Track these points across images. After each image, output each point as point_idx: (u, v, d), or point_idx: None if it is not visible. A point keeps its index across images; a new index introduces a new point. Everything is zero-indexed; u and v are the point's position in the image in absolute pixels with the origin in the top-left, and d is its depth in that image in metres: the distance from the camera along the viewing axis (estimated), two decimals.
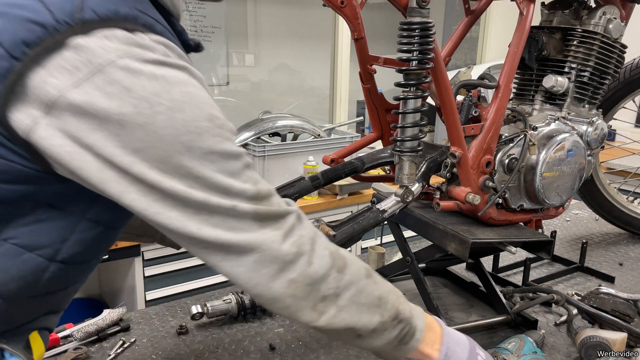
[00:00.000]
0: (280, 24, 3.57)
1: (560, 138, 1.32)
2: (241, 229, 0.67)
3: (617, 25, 1.41)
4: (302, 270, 0.71)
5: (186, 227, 0.65)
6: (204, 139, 0.63)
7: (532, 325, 1.33)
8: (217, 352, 1.23)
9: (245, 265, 0.68)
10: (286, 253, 0.69)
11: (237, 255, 0.68)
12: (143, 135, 0.60)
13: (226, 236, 0.66)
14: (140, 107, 0.60)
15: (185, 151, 0.62)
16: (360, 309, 0.76)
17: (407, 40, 1.09)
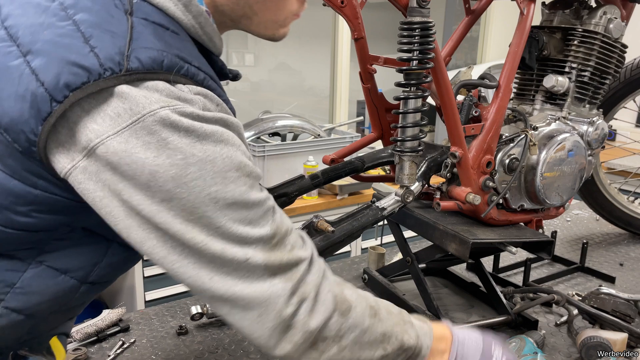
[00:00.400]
0: None
1: (561, 138, 1.32)
2: (251, 279, 0.69)
3: (617, 25, 1.40)
4: (304, 324, 0.72)
5: (199, 276, 0.66)
6: (230, 190, 0.65)
7: (532, 326, 1.33)
8: (217, 352, 1.23)
9: (250, 319, 0.70)
10: (290, 312, 0.71)
11: (242, 309, 0.69)
12: (173, 186, 0.62)
13: (235, 288, 0.68)
14: (174, 158, 0.61)
15: (211, 202, 0.64)
16: (362, 347, 0.78)
17: (408, 40, 1.09)
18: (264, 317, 0.70)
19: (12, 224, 0.65)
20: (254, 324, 0.70)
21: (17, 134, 0.61)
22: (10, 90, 0.61)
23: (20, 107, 0.60)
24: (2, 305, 0.68)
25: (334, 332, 0.74)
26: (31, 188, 0.64)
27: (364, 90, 1.34)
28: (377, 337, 0.79)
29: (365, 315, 0.78)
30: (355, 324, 0.76)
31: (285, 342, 0.71)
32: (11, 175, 0.63)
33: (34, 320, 0.72)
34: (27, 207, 0.65)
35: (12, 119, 0.60)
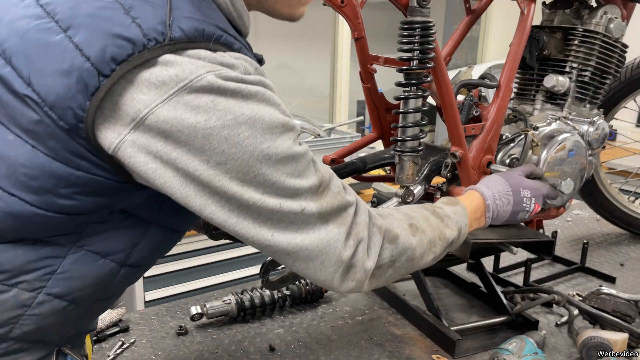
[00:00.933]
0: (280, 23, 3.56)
1: (561, 138, 1.32)
2: (308, 229, 0.73)
3: (618, 24, 1.40)
4: (363, 263, 0.79)
5: (261, 235, 0.70)
6: (279, 145, 0.67)
7: (533, 326, 1.33)
8: (217, 352, 1.23)
9: (314, 268, 0.75)
10: (349, 254, 0.77)
11: (305, 260, 0.74)
12: (227, 147, 0.63)
13: (296, 240, 0.72)
14: (225, 119, 0.63)
15: (264, 159, 0.66)
16: (414, 260, 0.87)
17: (408, 40, 1.09)
18: (326, 263, 0.75)
19: (55, 207, 0.65)
20: (318, 271, 0.75)
21: (64, 110, 0.61)
22: (54, 67, 0.60)
23: (66, 83, 0.60)
24: (44, 292, 0.68)
25: (387, 260, 0.83)
26: (73, 170, 0.64)
27: (364, 90, 1.34)
28: (425, 248, 0.88)
29: (409, 234, 0.86)
30: (404, 248, 0.85)
31: (348, 281, 0.78)
32: (53, 158, 0.63)
33: (76, 307, 0.72)
34: (69, 189, 0.65)
35: (58, 96, 0.60)
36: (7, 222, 0.65)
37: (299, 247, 0.72)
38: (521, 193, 1.08)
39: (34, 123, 0.62)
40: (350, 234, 0.77)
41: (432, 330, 1.29)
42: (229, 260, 2.56)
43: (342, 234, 0.76)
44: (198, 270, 2.49)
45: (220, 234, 1.17)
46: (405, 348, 1.26)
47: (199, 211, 0.67)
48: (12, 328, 0.68)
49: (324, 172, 0.76)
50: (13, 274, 0.67)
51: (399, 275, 0.88)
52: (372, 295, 1.52)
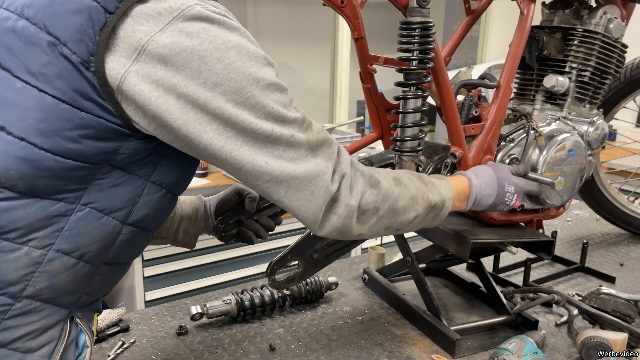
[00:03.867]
0: (280, 24, 3.57)
1: (561, 138, 1.32)
2: (299, 159, 0.79)
3: (617, 25, 1.40)
4: (345, 197, 0.84)
5: (256, 162, 0.76)
6: (265, 72, 0.75)
7: (532, 326, 1.33)
8: (217, 352, 1.23)
9: (304, 198, 0.81)
10: (335, 187, 0.82)
11: (297, 189, 0.80)
12: (221, 68, 0.70)
13: (288, 169, 0.78)
14: (216, 43, 0.70)
15: (254, 82, 0.73)
16: (397, 212, 0.92)
17: (408, 40, 1.09)
18: (315, 194, 0.81)
19: (62, 151, 0.70)
20: (308, 202, 0.81)
21: (77, 44, 0.67)
22: (66, 8, 0.68)
23: (78, 19, 0.68)
24: (53, 249, 0.73)
25: (371, 206, 0.88)
26: (78, 110, 0.69)
27: (364, 90, 1.34)
28: (407, 202, 0.93)
29: (392, 185, 0.91)
30: (387, 194, 0.90)
31: (332, 215, 0.84)
32: (60, 99, 0.68)
33: (84, 266, 0.76)
34: (75, 131, 0.69)
35: (72, 32, 0.68)
36: (17, 167, 0.69)
37: (291, 176, 0.78)
38: (505, 188, 1.12)
39: (44, 65, 0.68)
40: (336, 170, 0.83)
41: (432, 330, 1.30)
42: (229, 260, 2.56)
43: (330, 167, 0.82)
44: (198, 270, 2.50)
45: (229, 235, 1.17)
46: (405, 348, 1.26)
47: (197, 139, 0.72)
48: (25, 286, 0.72)
49: (304, 112, 0.82)
50: (24, 232, 0.71)
51: (383, 227, 0.91)
52: (372, 295, 1.52)
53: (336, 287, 1.50)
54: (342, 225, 0.85)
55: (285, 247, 1.19)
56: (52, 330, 0.76)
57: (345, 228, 0.86)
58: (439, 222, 1.04)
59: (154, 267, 2.38)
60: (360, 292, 1.55)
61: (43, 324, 0.75)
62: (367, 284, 1.57)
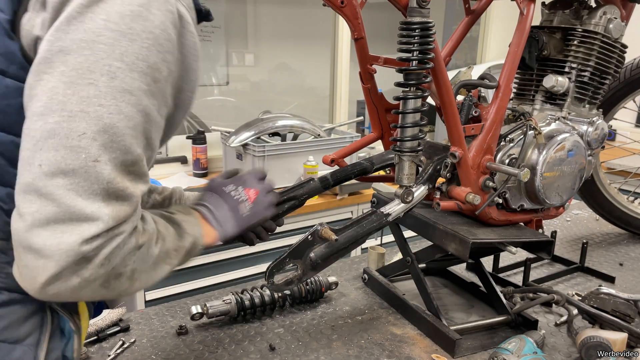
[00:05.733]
0: (280, 24, 3.57)
1: (561, 138, 1.32)
2: None
3: (617, 25, 1.40)
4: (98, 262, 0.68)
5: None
6: None
7: (532, 326, 1.33)
8: (217, 352, 1.23)
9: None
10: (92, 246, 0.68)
11: None
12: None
13: None
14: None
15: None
16: (152, 273, 0.77)
17: (407, 40, 1.09)
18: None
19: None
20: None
21: (6, 1, 0.68)
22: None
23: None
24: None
25: (129, 270, 0.72)
26: (1, 77, 0.67)
27: (364, 90, 1.34)
28: (161, 258, 0.78)
29: (154, 244, 0.77)
30: (146, 256, 0.74)
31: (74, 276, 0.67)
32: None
33: None
34: (2, 101, 0.67)
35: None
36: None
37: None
38: (225, 189, 1.00)
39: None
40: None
41: (432, 330, 1.30)
42: (229, 260, 2.56)
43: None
44: (198, 270, 2.50)
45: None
46: (405, 347, 1.26)
47: None
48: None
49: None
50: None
51: (135, 290, 0.77)
52: (372, 295, 1.52)
53: (336, 287, 1.50)
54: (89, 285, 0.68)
55: (286, 247, 1.19)
56: (34, 318, 0.74)
57: (91, 290, 0.69)
58: (191, 258, 0.92)
59: None
60: (360, 291, 1.55)
61: (23, 313, 0.72)
62: (367, 284, 1.58)
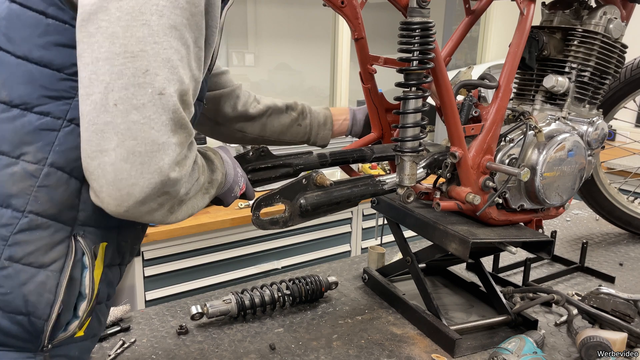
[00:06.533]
0: (280, 24, 3.57)
1: (561, 138, 1.32)
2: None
3: (617, 25, 1.40)
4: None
5: None
6: None
7: (532, 326, 1.33)
8: (217, 352, 1.23)
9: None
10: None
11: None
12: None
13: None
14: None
15: None
16: (196, 201, 0.85)
17: (408, 40, 1.09)
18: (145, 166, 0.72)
19: (34, 58, 0.73)
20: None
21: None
22: None
23: None
24: (47, 163, 0.75)
25: (183, 193, 0.78)
26: (43, 17, 0.72)
27: (364, 90, 1.34)
28: (204, 187, 0.86)
29: (199, 173, 0.83)
30: (194, 183, 0.81)
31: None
32: (24, 4, 0.72)
33: (79, 182, 0.77)
34: (43, 38, 0.72)
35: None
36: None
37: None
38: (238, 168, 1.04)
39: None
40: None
41: (432, 330, 1.30)
42: (229, 260, 2.56)
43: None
44: (198, 270, 2.50)
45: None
46: (405, 347, 1.26)
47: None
48: (28, 200, 0.74)
49: None
50: (16, 145, 0.74)
51: (180, 216, 0.82)
52: (372, 295, 1.52)
53: (336, 286, 1.50)
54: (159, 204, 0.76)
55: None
56: (60, 246, 0.77)
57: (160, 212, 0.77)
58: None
59: (154, 267, 2.39)
60: (360, 291, 1.55)
61: (51, 240, 0.76)
62: (367, 284, 1.58)
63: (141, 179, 0.70)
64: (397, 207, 1.42)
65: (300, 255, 2.75)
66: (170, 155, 0.71)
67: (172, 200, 0.76)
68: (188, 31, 0.73)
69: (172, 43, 0.71)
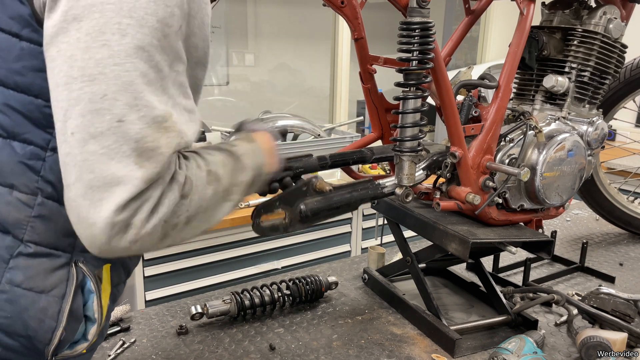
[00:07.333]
0: (280, 24, 3.57)
1: (561, 138, 1.32)
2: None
3: (617, 25, 1.40)
4: (141, 224, 0.68)
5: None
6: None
7: (532, 326, 1.33)
8: (217, 352, 1.23)
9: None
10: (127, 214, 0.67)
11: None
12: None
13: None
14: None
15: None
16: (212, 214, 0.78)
17: (407, 40, 1.09)
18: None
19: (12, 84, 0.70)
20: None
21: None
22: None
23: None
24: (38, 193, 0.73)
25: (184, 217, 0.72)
26: (17, 40, 0.69)
27: (364, 90, 1.34)
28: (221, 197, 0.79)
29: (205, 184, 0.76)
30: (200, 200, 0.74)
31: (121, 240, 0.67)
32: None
33: None
34: (19, 63, 0.69)
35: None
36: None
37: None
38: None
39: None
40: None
41: (432, 330, 1.30)
42: (229, 260, 2.56)
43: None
44: (198, 270, 2.50)
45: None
46: (405, 347, 1.26)
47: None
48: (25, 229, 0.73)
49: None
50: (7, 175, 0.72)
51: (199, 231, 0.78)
52: (372, 295, 1.52)
53: (336, 286, 1.50)
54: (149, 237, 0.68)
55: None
56: (60, 272, 0.76)
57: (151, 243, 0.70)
58: (259, 187, 0.92)
59: (154, 267, 2.38)
60: (360, 291, 1.55)
61: (50, 265, 0.75)
62: (367, 284, 1.58)
63: (99, 218, 0.63)
64: (397, 207, 1.42)
65: (300, 255, 2.75)
66: (130, 190, 0.64)
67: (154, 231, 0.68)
68: (159, 53, 0.67)
69: (136, 65, 0.65)
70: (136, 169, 0.64)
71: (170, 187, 0.69)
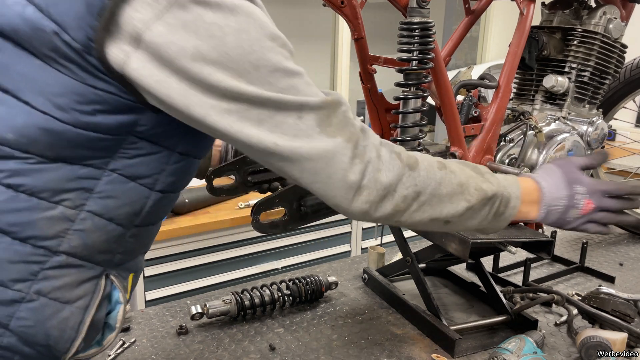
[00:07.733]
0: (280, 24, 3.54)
1: (561, 138, 1.32)
2: (310, 139, 0.74)
3: (617, 25, 1.41)
4: (375, 182, 0.77)
5: (263, 143, 0.73)
6: (269, 58, 0.72)
7: (532, 326, 1.33)
8: (217, 352, 1.23)
9: (321, 181, 0.76)
10: (358, 169, 0.76)
11: (312, 172, 0.75)
12: (217, 56, 0.69)
13: (300, 150, 0.74)
14: (212, 30, 0.69)
15: (253, 70, 0.71)
16: (442, 200, 0.82)
17: (407, 40, 1.09)
18: (332, 177, 0.75)
19: (81, 124, 0.72)
20: (326, 185, 0.76)
21: (77, 31, 0.68)
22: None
23: (76, 6, 0.68)
24: (85, 209, 0.76)
25: (412, 188, 0.79)
26: (91, 88, 0.71)
27: (364, 90, 1.34)
28: (454, 188, 0.82)
29: (434, 167, 0.82)
30: (428, 177, 0.80)
31: (360, 202, 0.77)
32: (73, 77, 0.71)
33: (116, 227, 0.79)
34: (90, 106, 0.72)
35: (72, 19, 0.68)
36: (43, 137, 0.72)
37: (301, 155, 0.74)
38: (574, 189, 0.93)
39: (51, 50, 0.69)
40: (357, 153, 0.77)
41: (432, 330, 1.30)
42: (229, 260, 2.56)
43: (348, 148, 0.76)
44: (198, 270, 2.50)
45: (219, 189, 1.14)
46: (405, 347, 1.26)
47: (202, 120, 0.71)
48: (61, 241, 0.75)
49: (330, 96, 0.79)
50: (56, 192, 0.74)
51: (428, 217, 0.82)
52: (372, 295, 1.52)
53: (336, 286, 1.50)
54: (370, 206, 0.77)
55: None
56: (88, 284, 0.78)
57: (376, 209, 0.78)
58: (504, 224, 0.89)
59: (154, 267, 2.38)
60: (360, 291, 1.55)
61: (79, 277, 0.77)
62: (367, 284, 1.58)
63: (332, 189, 0.76)
64: None
65: (300, 255, 2.75)
66: (345, 154, 0.75)
67: (386, 196, 0.77)
68: (287, 60, 0.76)
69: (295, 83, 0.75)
70: (343, 140, 0.75)
71: (391, 156, 0.78)
